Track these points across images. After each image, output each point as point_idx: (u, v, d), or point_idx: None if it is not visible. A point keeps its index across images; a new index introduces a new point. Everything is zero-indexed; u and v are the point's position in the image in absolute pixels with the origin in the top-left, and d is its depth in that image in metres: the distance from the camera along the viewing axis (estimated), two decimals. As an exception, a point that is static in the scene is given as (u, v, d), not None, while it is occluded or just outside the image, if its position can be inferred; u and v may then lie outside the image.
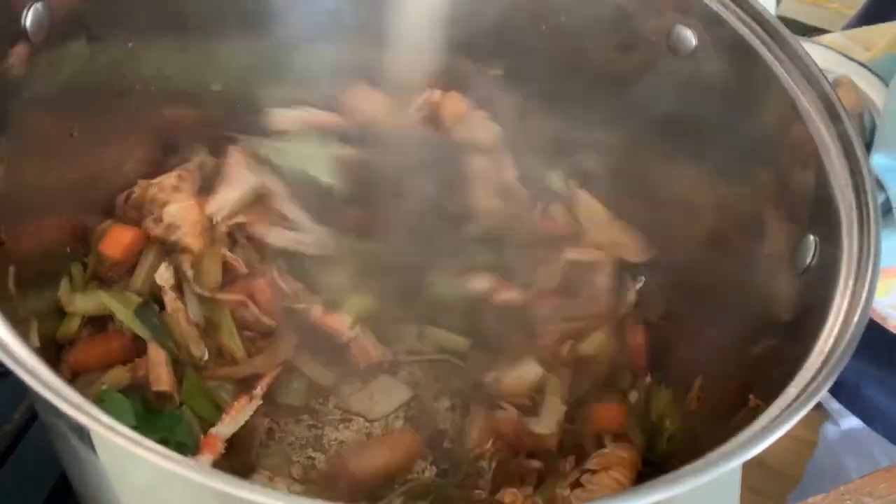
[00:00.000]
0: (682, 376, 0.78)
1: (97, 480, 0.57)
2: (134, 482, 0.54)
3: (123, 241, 0.78)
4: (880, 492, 0.81)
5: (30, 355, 0.47)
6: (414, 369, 0.85)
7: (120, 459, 0.51)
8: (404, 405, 0.83)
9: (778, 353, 0.63)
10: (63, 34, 0.67)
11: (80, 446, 0.51)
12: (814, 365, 0.53)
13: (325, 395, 0.82)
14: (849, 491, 0.81)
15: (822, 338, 0.55)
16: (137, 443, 0.42)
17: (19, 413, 0.80)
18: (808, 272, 0.63)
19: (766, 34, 0.69)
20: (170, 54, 0.79)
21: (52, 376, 0.45)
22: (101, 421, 0.43)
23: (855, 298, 0.57)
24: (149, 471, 0.48)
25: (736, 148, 0.72)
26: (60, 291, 0.76)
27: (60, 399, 0.44)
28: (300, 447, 0.79)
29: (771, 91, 0.68)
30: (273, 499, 0.41)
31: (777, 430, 0.47)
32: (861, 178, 0.62)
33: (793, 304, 0.64)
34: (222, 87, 0.84)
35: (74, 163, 0.75)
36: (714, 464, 0.46)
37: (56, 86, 0.69)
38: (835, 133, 0.64)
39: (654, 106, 0.77)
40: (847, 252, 0.59)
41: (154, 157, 0.84)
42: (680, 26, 0.72)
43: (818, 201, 0.63)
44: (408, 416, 0.83)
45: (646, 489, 0.44)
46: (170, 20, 0.77)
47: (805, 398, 0.50)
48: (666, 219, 0.83)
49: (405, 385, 0.84)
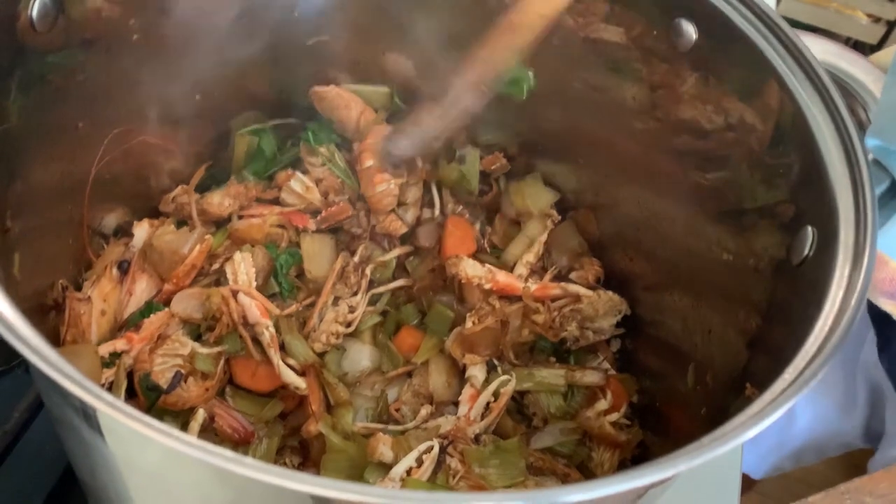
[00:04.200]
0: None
1: (105, 467, 0.58)
2: (142, 466, 0.55)
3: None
4: (880, 491, 0.81)
5: (40, 340, 0.48)
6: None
7: (128, 443, 0.52)
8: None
9: (773, 340, 0.64)
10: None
11: (88, 432, 0.52)
12: (809, 352, 0.54)
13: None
14: (849, 490, 0.81)
15: (818, 326, 0.56)
16: (146, 423, 0.43)
17: (19, 412, 0.81)
18: (805, 263, 0.64)
19: (766, 28, 0.69)
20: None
21: (62, 361, 0.46)
22: (108, 401, 0.44)
23: (851, 287, 0.57)
24: (157, 454, 0.49)
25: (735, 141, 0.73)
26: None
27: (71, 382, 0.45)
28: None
29: (769, 84, 0.68)
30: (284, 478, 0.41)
31: (771, 415, 0.48)
32: (858, 169, 0.62)
33: (790, 293, 0.65)
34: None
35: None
36: (708, 447, 0.46)
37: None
38: (832, 125, 0.65)
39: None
40: (844, 243, 0.60)
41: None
42: (681, 20, 0.73)
43: (816, 193, 0.64)
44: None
45: (641, 471, 0.45)
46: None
47: (799, 384, 0.51)
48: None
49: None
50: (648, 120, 0.81)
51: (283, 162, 0.96)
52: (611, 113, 0.84)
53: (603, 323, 0.89)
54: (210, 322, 0.83)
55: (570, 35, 0.81)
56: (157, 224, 0.88)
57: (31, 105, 0.68)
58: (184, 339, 0.81)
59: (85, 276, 0.83)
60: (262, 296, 0.84)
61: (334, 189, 0.93)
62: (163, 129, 0.86)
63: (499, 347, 0.88)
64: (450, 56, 0.89)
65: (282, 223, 0.92)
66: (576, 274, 0.94)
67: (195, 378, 0.80)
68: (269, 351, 0.81)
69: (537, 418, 0.86)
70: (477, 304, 0.90)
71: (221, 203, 0.90)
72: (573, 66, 0.83)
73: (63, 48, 0.69)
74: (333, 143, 0.94)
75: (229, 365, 0.83)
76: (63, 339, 0.78)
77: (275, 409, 0.82)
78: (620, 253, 0.93)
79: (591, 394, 0.86)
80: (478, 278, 0.89)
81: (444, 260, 0.92)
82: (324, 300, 0.87)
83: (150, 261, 0.85)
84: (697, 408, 0.74)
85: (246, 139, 0.94)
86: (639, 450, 0.84)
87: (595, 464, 0.82)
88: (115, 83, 0.78)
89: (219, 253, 0.88)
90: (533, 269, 0.94)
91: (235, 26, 0.83)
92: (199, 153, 0.92)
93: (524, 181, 0.96)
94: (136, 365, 0.79)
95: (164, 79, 0.82)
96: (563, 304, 0.89)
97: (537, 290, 0.89)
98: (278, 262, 0.88)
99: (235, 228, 0.90)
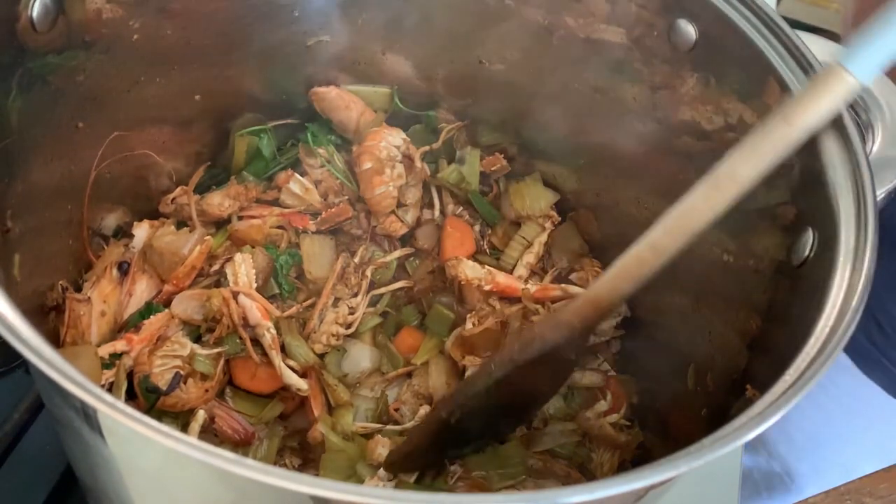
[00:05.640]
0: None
1: (105, 468, 0.58)
2: (142, 467, 0.55)
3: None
4: (880, 492, 0.81)
5: (41, 341, 0.48)
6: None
7: (128, 444, 0.52)
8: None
9: (774, 342, 0.64)
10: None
11: (88, 433, 0.52)
12: (809, 353, 0.54)
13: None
14: (849, 491, 0.82)
15: (819, 327, 0.56)
16: (146, 424, 0.43)
17: (20, 413, 0.81)
18: (805, 264, 0.64)
19: (766, 28, 0.69)
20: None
21: (63, 361, 0.46)
22: (108, 401, 0.44)
23: (851, 289, 0.57)
24: (158, 454, 0.49)
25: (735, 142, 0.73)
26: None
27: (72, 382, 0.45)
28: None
29: (769, 84, 0.68)
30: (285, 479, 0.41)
31: (771, 417, 0.48)
32: (859, 171, 0.62)
33: (790, 294, 0.65)
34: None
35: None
36: (709, 448, 0.46)
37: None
38: (833, 126, 0.64)
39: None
40: (844, 244, 0.60)
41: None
42: (681, 20, 0.73)
43: (816, 194, 0.64)
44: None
45: (642, 472, 0.45)
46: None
47: (799, 386, 0.51)
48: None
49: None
50: (649, 120, 0.81)
51: (283, 163, 0.96)
52: (611, 113, 0.84)
53: (603, 324, 0.89)
54: (210, 323, 0.83)
55: (570, 35, 0.81)
56: (157, 225, 0.88)
57: (31, 105, 0.68)
58: (183, 341, 0.81)
59: (85, 277, 0.83)
60: (262, 297, 0.84)
61: (333, 190, 0.93)
62: (162, 129, 0.86)
63: (498, 349, 0.88)
64: (450, 56, 0.89)
65: (282, 224, 0.92)
66: (576, 275, 0.94)
67: (195, 379, 0.80)
68: (270, 353, 0.81)
69: (537, 419, 0.86)
70: (477, 306, 0.90)
71: (221, 204, 0.90)
72: (573, 66, 0.83)
73: (63, 48, 0.69)
74: (332, 145, 0.94)
75: (229, 366, 0.83)
76: (63, 339, 0.77)
77: (275, 410, 0.82)
78: (621, 254, 0.92)
79: (591, 395, 0.86)
80: (477, 280, 0.89)
81: (444, 261, 0.92)
82: (324, 301, 0.87)
83: (150, 262, 0.85)
84: (698, 409, 0.74)
85: (246, 140, 0.93)
86: (639, 451, 0.84)
87: (595, 465, 0.82)
88: (115, 83, 0.78)
89: (219, 254, 0.88)
90: (533, 270, 0.94)
91: (235, 27, 0.83)
92: (198, 153, 0.92)
93: (524, 182, 0.96)
94: (136, 366, 0.79)
95: (164, 79, 0.82)
96: (564, 306, 0.89)
97: (537, 292, 0.89)
98: (278, 263, 0.88)
99: (235, 229, 0.90)
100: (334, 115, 0.93)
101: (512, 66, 0.88)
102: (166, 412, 0.79)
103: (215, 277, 0.87)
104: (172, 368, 0.79)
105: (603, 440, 0.82)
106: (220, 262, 0.87)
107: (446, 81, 0.92)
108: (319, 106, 0.94)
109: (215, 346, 0.82)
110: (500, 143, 0.96)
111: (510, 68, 0.88)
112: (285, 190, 0.92)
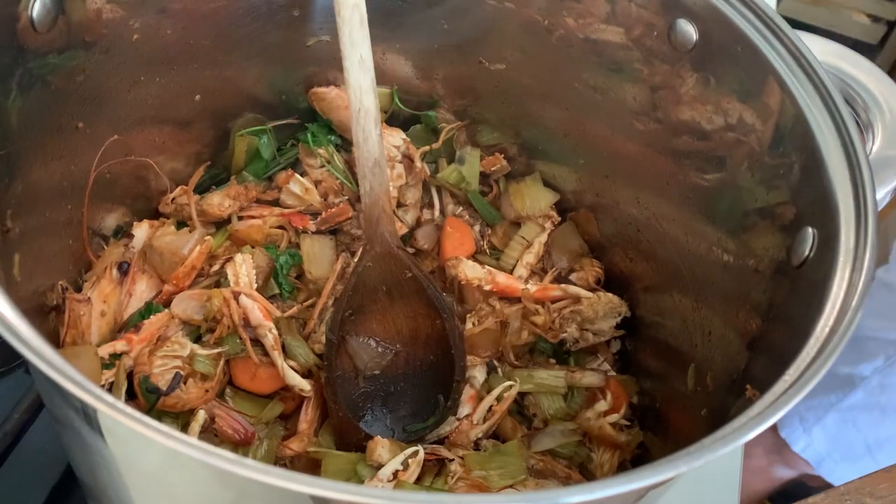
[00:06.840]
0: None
1: (105, 468, 0.58)
2: (142, 467, 0.55)
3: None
4: (880, 492, 0.81)
5: (41, 341, 0.48)
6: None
7: (128, 444, 0.52)
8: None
9: (774, 341, 0.64)
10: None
11: (89, 433, 0.52)
12: (809, 353, 0.54)
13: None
14: (849, 491, 0.81)
15: (819, 327, 0.56)
16: (147, 424, 0.43)
17: (20, 412, 0.81)
18: (805, 264, 0.64)
19: (766, 28, 0.69)
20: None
21: (63, 362, 0.46)
22: (108, 402, 0.44)
23: (851, 288, 0.57)
24: (158, 455, 0.49)
25: (735, 142, 0.73)
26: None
27: (72, 382, 0.45)
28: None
29: (769, 84, 0.68)
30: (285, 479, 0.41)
31: (770, 418, 0.48)
32: (859, 170, 0.62)
33: (790, 294, 0.65)
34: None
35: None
36: (709, 448, 0.46)
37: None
38: (832, 126, 0.65)
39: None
40: (845, 244, 0.60)
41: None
42: (681, 20, 0.73)
43: (816, 194, 0.64)
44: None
45: (642, 472, 0.45)
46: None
47: (799, 386, 0.51)
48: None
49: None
50: (649, 120, 0.81)
51: (282, 163, 0.96)
52: (611, 113, 0.84)
53: (603, 324, 0.89)
54: (210, 324, 0.83)
55: (570, 35, 0.81)
56: (157, 225, 0.88)
57: (31, 105, 0.68)
58: (183, 341, 0.81)
59: (85, 277, 0.83)
60: (263, 298, 0.84)
61: (333, 190, 0.93)
62: (162, 129, 0.86)
63: (498, 349, 0.88)
64: (450, 56, 0.89)
65: (282, 224, 0.92)
66: (576, 275, 0.94)
67: (195, 379, 0.80)
68: (272, 353, 0.81)
69: (537, 419, 0.86)
70: (477, 305, 0.90)
71: (221, 204, 0.90)
72: (573, 66, 0.83)
73: (63, 49, 0.69)
74: (332, 145, 0.94)
75: (229, 366, 0.83)
76: (63, 340, 0.77)
77: (275, 410, 0.82)
78: (621, 254, 0.93)
79: (591, 395, 0.86)
80: (477, 280, 0.89)
81: (444, 262, 0.92)
82: (324, 301, 0.87)
83: (149, 262, 0.85)
84: (698, 409, 0.74)
85: (245, 140, 0.93)
86: (639, 451, 0.84)
87: (595, 465, 0.82)
88: (115, 83, 0.78)
89: (219, 254, 0.88)
90: (533, 270, 0.94)
91: (235, 27, 0.83)
92: (198, 153, 0.92)
93: (524, 182, 0.96)
94: (136, 366, 0.79)
95: (164, 79, 0.82)
96: (563, 306, 0.89)
97: (537, 292, 0.89)
98: (278, 263, 0.88)
99: (235, 229, 0.90)
100: (334, 115, 0.93)
101: (512, 66, 0.88)
102: (166, 412, 0.78)
103: (215, 277, 0.87)
104: (172, 369, 0.79)
105: (603, 440, 0.82)
106: (220, 262, 0.87)
107: (446, 81, 0.93)
108: (319, 106, 0.94)
109: (215, 346, 0.82)
110: (500, 143, 0.96)
111: (510, 68, 0.88)
112: (285, 190, 0.92)
